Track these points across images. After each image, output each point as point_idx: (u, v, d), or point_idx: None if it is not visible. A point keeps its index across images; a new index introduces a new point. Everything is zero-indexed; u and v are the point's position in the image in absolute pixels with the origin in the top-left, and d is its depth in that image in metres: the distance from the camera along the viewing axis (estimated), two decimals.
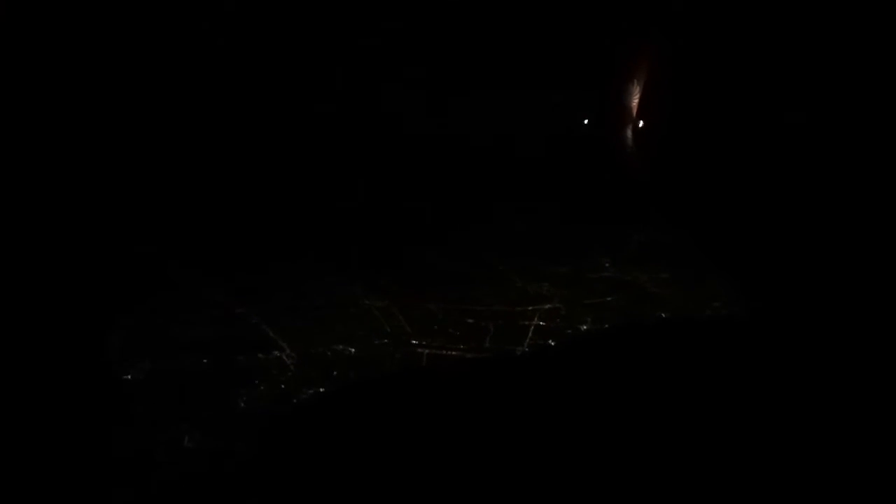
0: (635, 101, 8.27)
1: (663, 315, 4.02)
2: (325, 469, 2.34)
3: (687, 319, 3.86)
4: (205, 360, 3.33)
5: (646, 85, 8.25)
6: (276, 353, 3.44)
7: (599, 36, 7.31)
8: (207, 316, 3.93)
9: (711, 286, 4.45)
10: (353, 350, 3.50)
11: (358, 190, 6.91)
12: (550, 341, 3.57)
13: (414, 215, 6.51)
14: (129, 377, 3.13)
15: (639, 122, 8.44)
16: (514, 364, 3.28)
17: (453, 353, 3.47)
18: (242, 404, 2.86)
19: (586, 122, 8.34)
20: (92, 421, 2.69)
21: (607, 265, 5.12)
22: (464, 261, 5.31)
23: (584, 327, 3.76)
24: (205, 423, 2.66)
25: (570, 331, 3.71)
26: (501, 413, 2.67)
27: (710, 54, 7.59)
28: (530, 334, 3.68)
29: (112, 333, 3.57)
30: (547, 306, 4.12)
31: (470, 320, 3.94)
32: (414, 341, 3.61)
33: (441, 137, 7.46)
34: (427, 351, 3.49)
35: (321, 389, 3.02)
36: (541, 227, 6.29)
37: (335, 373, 3.22)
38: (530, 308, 4.09)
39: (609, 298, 4.26)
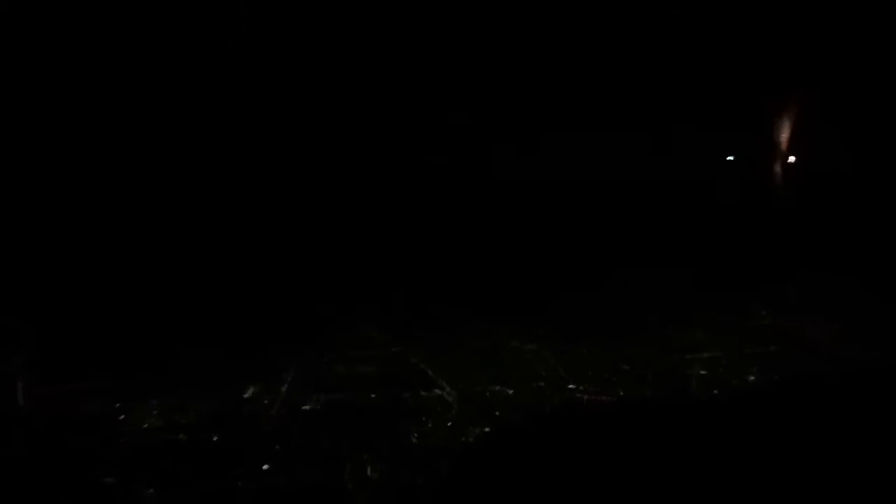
0: (785, 137, 7.93)
1: (835, 367, 3.75)
2: None
3: (865, 371, 3.57)
4: (372, 395, 3.52)
5: (796, 123, 7.91)
6: (437, 391, 3.58)
7: (754, 88, 7.17)
8: (369, 355, 4.16)
9: (887, 335, 4.10)
10: (510, 392, 3.56)
11: (500, 237, 7.06)
12: (715, 391, 3.44)
13: (554, 261, 6.54)
14: (308, 408, 3.37)
15: (787, 158, 8.06)
16: (681, 413, 3.19)
17: (613, 398, 3.43)
18: (414, 439, 2.99)
19: (730, 158, 8.07)
20: (275, 446, 2.92)
21: (763, 313, 4.86)
22: (608, 307, 5.26)
23: (752, 378, 3.59)
24: (383, 455, 2.81)
25: (735, 381, 3.56)
26: (676, 465, 2.59)
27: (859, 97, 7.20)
28: (693, 383, 3.56)
29: (287, 369, 3.87)
30: (706, 355, 3.98)
31: (625, 366, 3.88)
32: (571, 385, 3.62)
33: (586, 181, 7.50)
34: (586, 396, 3.48)
35: (486, 429, 3.09)
36: (688, 273, 6.09)
37: (497, 413, 3.29)
38: (688, 356, 3.97)
39: (772, 348, 4.04)
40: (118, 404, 3.28)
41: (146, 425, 3.08)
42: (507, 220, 7.13)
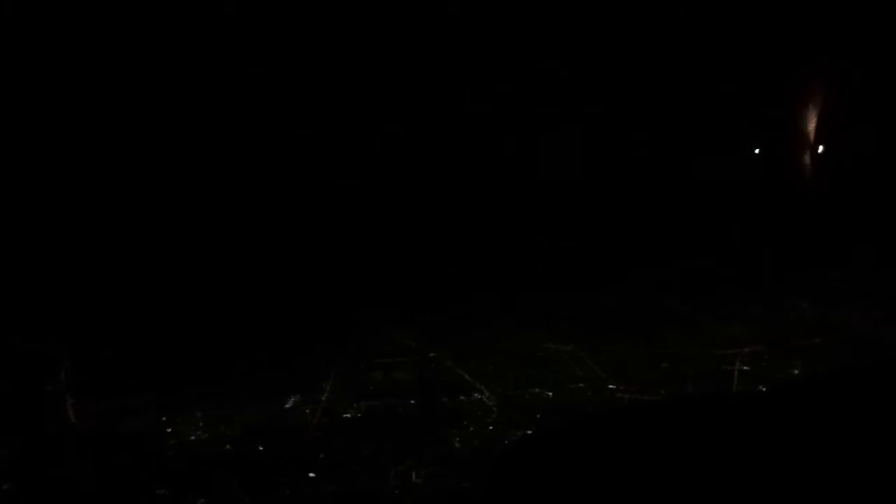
0: (812, 126, 7.78)
1: (882, 357, 3.66)
2: None
3: None
4: (411, 402, 3.53)
5: (823, 109, 7.75)
6: (477, 395, 3.57)
7: (773, 63, 7.02)
8: (404, 361, 4.18)
9: None
10: (549, 394, 3.55)
11: (516, 235, 7.05)
12: (760, 386, 3.38)
13: (580, 259, 6.51)
14: (349, 416, 3.39)
15: (818, 148, 7.89)
16: (726, 410, 3.14)
17: (655, 397, 3.39)
18: (457, 443, 2.99)
19: (757, 151, 7.95)
20: (323, 453, 2.94)
21: (805, 305, 4.78)
22: (641, 303, 5.21)
23: (796, 372, 3.52)
24: (427, 460, 2.81)
25: (780, 375, 3.49)
26: (725, 462, 2.55)
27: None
28: (736, 379, 3.51)
29: (325, 379, 3.89)
30: (746, 349, 3.92)
31: (664, 364, 3.84)
32: (610, 386, 3.59)
33: (602, 179, 7.43)
34: (627, 396, 3.44)
35: (528, 431, 3.08)
36: (720, 266, 6.02)
37: (538, 415, 3.27)
38: (729, 352, 3.91)
39: (816, 340, 3.96)
40: (164, 418, 3.34)
41: (192, 438, 3.13)
42: (529, 220, 7.11)
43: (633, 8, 6.72)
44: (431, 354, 4.25)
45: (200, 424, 3.26)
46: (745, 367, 3.64)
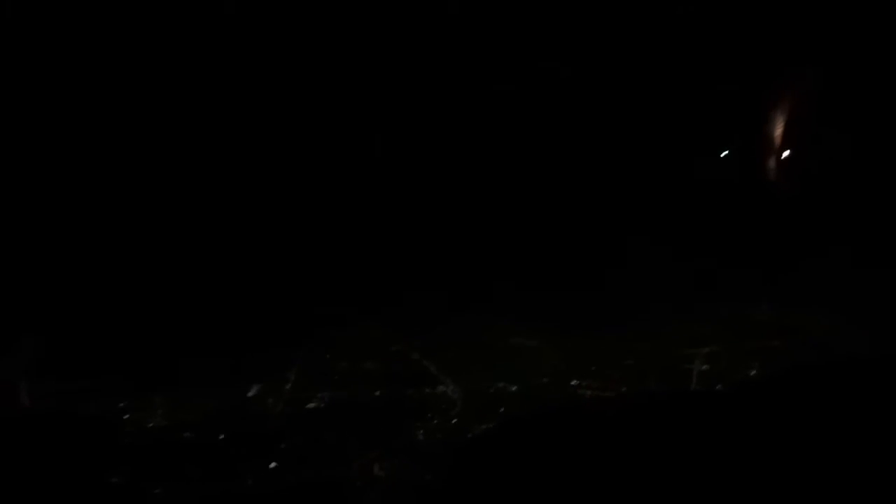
0: (779, 131, 7.90)
1: (838, 360, 3.77)
2: None
3: (869, 362, 3.60)
4: (376, 393, 3.53)
5: (790, 114, 7.87)
6: (442, 388, 3.58)
7: (746, 70, 7.12)
8: (370, 352, 4.16)
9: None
10: (514, 388, 3.57)
11: (492, 232, 7.06)
12: (718, 386, 3.46)
13: (551, 257, 6.55)
14: (312, 406, 3.37)
15: (783, 152, 8.03)
16: (683, 408, 3.21)
17: (616, 394, 3.44)
18: (420, 436, 3.00)
19: (725, 153, 8.05)
20: (285, 443, 2.92)
21: (765, 307, 4.89)
22: (610, 299, 5.27)
23: (752, 373, 3.61)
24: (390, 452, 2.81)
25: (737, 376, 3.57)
26: (679, 460, 2.61)
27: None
28: (695, 378, 3.58)
29: (289, 368, 3.86)
30: (706, 350, 4.00)
31: (628, 362, 3.90)
32: (573, 382, 3.63)
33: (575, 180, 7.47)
34: (589, 392, 3.49)
35: (491, 425, 3.10)
36: (689, 266, 6.11)
37: (501, 409, 3.29)
38: (689, 351, 3.99)
39: (775, 342, 4.06)
40: (122, 403, 3.28)
41: (151, 424, 3.08)
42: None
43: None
44: (395, 347, 4.24)
45: (159, 411, 3.21)
46: (704, 367, 3.72)
